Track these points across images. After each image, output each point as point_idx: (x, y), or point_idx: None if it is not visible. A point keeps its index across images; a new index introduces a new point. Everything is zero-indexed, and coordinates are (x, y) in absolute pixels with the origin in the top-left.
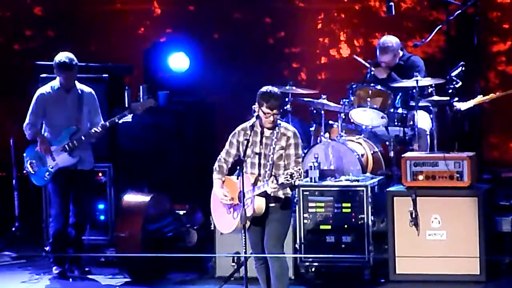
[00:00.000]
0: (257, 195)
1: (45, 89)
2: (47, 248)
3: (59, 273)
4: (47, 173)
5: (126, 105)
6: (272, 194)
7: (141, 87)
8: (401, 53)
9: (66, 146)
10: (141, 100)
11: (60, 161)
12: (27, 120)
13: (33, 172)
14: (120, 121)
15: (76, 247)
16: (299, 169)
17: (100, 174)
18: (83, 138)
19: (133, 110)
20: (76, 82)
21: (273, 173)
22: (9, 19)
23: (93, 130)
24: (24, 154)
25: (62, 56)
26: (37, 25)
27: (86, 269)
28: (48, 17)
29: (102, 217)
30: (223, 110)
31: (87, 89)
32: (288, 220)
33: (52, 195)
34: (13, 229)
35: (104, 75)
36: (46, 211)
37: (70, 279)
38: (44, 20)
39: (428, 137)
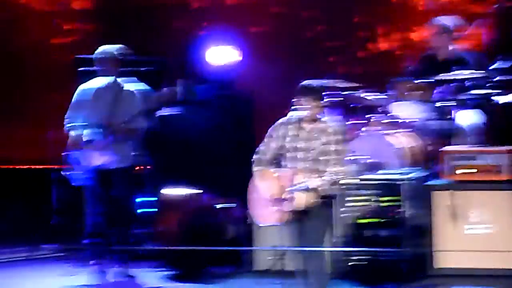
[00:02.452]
0: (298, 190)
1: (86, 84)
2: (85, 241)
3: (97, 267)
4: (83, 171)
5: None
6: (313, 190)
7: (178, 81)
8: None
9: (100, 144)
10: (165, 92)
11: (93, 160)
12: (66, 114)
13: (71, 172)
14: (159, 114)
15: (115, 241)
16: (343, 166)
17: (140, 168)
18: (115, 135)
19: (158, 105)
20: (121, 79)
21: (314, 169)
22: (48, 14)
23: (124, 128)
24: (65, 153)
25: (103, 50)
26: (77, 20)
27: (125, 263)
28: (87, 11)
29: (142, 211)
30: (262, 103)
31: (128, 86)
32: (328, 217)
33: (89, 192)
34: (52, 222)
35: (143, 69)
36: (85, 205)
37: (109, 273)
38: (83, 15)
39: (469, 131)
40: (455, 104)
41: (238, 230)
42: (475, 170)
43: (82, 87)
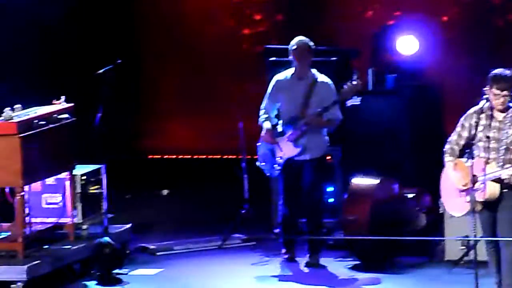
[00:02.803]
0: (490, 180)
1: (280, 75)
2: (276, 231)
3: (288, 257)
4: (277, 164)
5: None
6: (506, 180)
7: (369, 70)
8: None
9: (293, 135)
10: (350, 83)
11: (286, 151)
12: (262, 105)
13: (263, 164)
14: (348, 104)
15: (306, 231)
16: None
17: (329, 157)
18: (308, 127)
19: (344, 96)
20: (314, 70)
21: (507, 158)
22: (238, 4)
23: (317, 119)
24: (258, 144)
25: (297, 41)
26: (266, 10)
27: (316, 253)
28: (277, 1)
29: (331, 200)
30: (452, 93)
31: (322, 78)
32: None
33: (281, 183)
34: (243, 211)
35: (332, 58)
36: (275, 195)
37: (300, 263)
38: (273, 4)
39: None
40: None
41: (429, 219)
42: None
43: (277, 77)
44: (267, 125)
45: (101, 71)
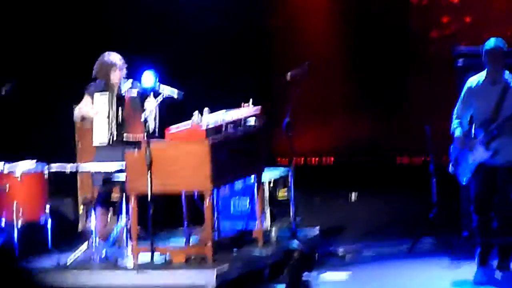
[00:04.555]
0: None
1: (473, 80)
2: (464, 234)
3: (478, 260)
4: (468, 170)
5: None
6: None
7: None
8: None
9: (485, 139)
10: None
11: (477, 155)
12: (455, 110)
13: (455, 169)
14: None
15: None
16: None
17: None
18: (501, 131)
19: None
20: (507, 73)
21: None
22: (426, 7)
23: (501, 121)
24: (451, 149)
25: (492, 43)
26: (454, 12)
27: (508, 256)
28: (465, 3)
29: None
30: None
31: None
32: None
33: (472, 189)
34: (431, 215)
35: None
36: (465, 199)
37: (491, 267)
38: (460, 6)
39: None
40: None
41: None
42: None
43: (469, 82)
44: (458, 131)
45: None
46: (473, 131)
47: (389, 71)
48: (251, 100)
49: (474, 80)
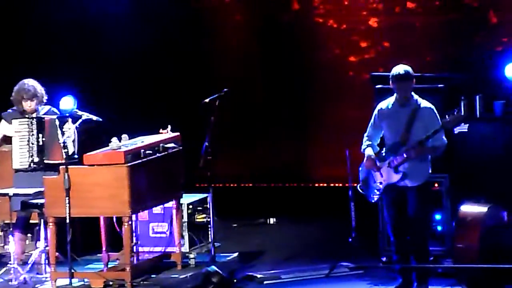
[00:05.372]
0: None
1: (383, 103)
2: (383, 259)
3: (400, 284)
4: (376, 190)
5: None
6: None
7: (477, 97)
8: None
9: (394, 161)
10: (453, 114)
11: (387, 177)
12: (366, 133)
13: (364, 189)
14: (456, 131)
15: (413, 259)
16: None
17: (436, 185)
18: (410, 153)
19: (446, 126)
20: (416, 96)
21: None
22: (344, 31)
23: (420, 146)
24: (360, 169)
25: (398, 68)
26: (373, 37)
27: (424, 282)
28: (383, 28)
29: (439, 228)
30: None
31: (425, 103)
32: None
33: (385, 209)
34: (350, 239)
35: (439, 85)
36: (382, 222)
37: None
38: (378, 32)
39: None
40: None
41: None
42: None
43: (380, 106)
44: (368, 151)
45: (207, 99)
46: (381, 152)
47: (308, 96)
48: (169, 126)
49: (384, 103)
